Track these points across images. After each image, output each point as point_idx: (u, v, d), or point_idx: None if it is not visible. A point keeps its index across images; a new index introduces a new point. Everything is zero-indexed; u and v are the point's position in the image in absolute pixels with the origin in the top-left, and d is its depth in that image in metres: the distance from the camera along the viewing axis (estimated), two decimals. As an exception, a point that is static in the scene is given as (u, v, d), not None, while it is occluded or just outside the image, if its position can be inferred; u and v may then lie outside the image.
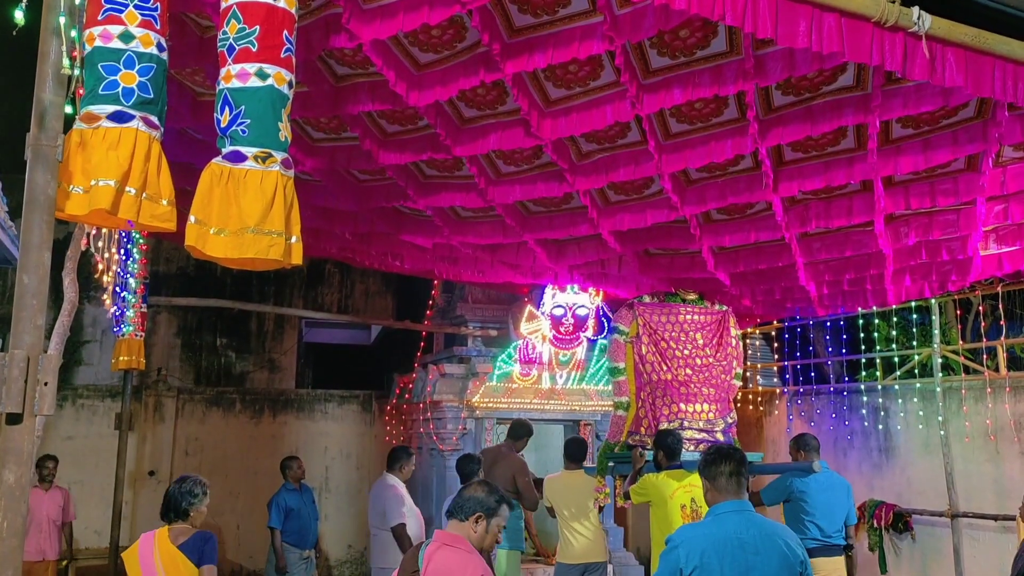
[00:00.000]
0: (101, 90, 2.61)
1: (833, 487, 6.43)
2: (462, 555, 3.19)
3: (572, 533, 6.82)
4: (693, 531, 3.43)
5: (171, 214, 2.67)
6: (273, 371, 13.05)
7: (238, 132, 2.66)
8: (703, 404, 7.31)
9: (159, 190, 2.64)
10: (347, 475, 11.63)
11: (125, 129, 2.60)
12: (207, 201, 2.60)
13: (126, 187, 2.55)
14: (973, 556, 7.43)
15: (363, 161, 5.36)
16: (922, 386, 8.17)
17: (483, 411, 9.26)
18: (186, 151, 5.26)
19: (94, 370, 11.61)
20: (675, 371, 7.40)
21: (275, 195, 2.62)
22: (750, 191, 5.48)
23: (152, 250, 9.37)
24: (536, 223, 6.46)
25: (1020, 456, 7.14)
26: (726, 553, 3.28)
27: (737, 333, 7.91)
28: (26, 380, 2.38)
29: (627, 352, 7.60)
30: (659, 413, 7.26)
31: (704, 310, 7.75)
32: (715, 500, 3.48)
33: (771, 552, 3.31)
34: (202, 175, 2.65)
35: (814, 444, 6.58)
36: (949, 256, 6.31)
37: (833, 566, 6.23)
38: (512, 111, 4.78)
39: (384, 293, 14.06)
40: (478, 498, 3.32)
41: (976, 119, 4.64)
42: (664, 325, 7.57)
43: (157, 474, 10.83)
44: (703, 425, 7.24)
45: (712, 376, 7.48)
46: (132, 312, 7.63)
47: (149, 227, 2.65)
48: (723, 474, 3.45)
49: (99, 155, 2.55)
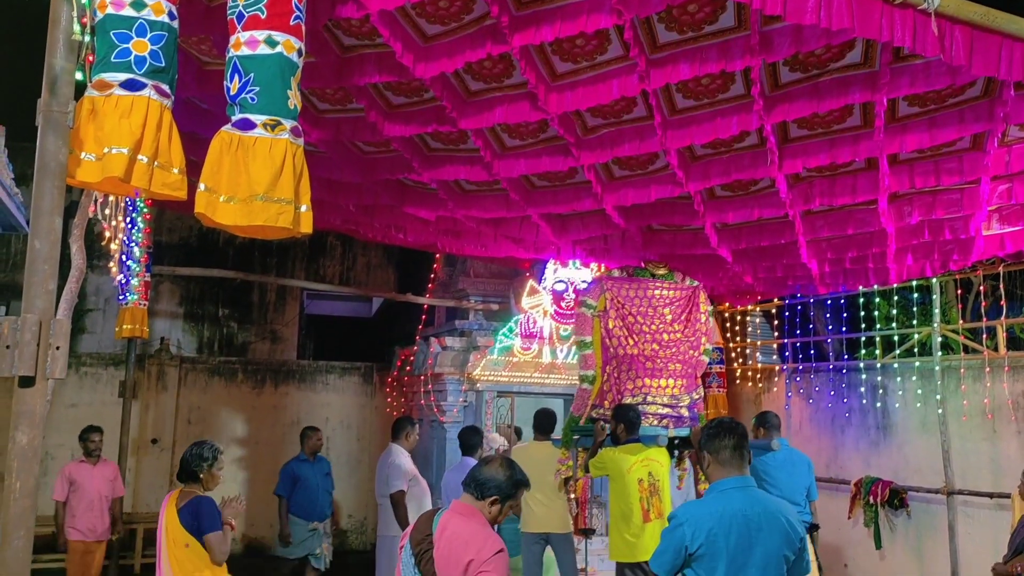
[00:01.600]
0: (113, 58, 2.62)
1: (794, 463, 6.50)
2: (479, 528, 3.17)
3: (534, 502, 6.91)
4: (698, 509, 3.41)
5: (182, 182, 2.69)
6: (275, 342, 13.12)
7: (247, 100, 2.67)
8: (669, 379, 7.36)
9: (170, 158, 2.66)
10: (348, 446, 11.73)
11: (137, 97, 2.61)
12: (216, 169, 2.62)
13: (138, 155, 2.57)
14: (968, 533, 7.51)
15: (368, 133, 5.36)
16: (921, 365, 8.21)
17: (484, 384, 9.32)
18: (191, 120, 5.24)
19: (97, 338, 11.68)
20: (642, 346, 7.42)
21: (284, 163, 2.64)
22: (755, 168, 5.48)
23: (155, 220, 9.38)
24: (540, 197, 6.46)
25: (1017, 435, 7.19)
26: (732, 531, 3.28)
27: (709, 309, 7.94)
28: (38, 344, 2.42)
29: (594, 326, 7.62)
30: (623, 387, 7.30)
31: (674, 285, 7.76)
32: (718, 475, 3.46)
33: (774, 529, 3.33)
34: (212, 143, 2.67)
35: (775, 422, 6.66)
36: (952, 235, 6.33)
37: None
38: (518, 84, 4.78)
39: (386, 266, 14.09)
40: (497, 482, 3.26)
41: (983, 98, 4.63)
42: (632, 300, 7.58)
43: (160, 442, 10.93)
44: (668, 400, 7.29)
45: (680, 352, 7.51)
46: (136, 281, 7.67)
47: (160, 195, 2.67)
48: (727, 448, 3.44)
49: (112, 123, 2.57)
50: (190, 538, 4.60)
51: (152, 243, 8.27)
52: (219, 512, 4.69)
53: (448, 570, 3.04)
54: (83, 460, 7.33)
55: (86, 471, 7.27)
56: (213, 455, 4.81)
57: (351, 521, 11.60)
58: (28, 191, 3.13)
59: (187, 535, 4.59)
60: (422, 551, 3.11)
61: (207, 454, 4.78)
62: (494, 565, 3.01)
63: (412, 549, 3.15)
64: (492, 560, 3.02)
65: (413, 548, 3.15)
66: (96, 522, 7.21)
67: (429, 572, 3.07)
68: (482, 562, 3.00)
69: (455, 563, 3.03)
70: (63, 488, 7.19)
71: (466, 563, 3.01)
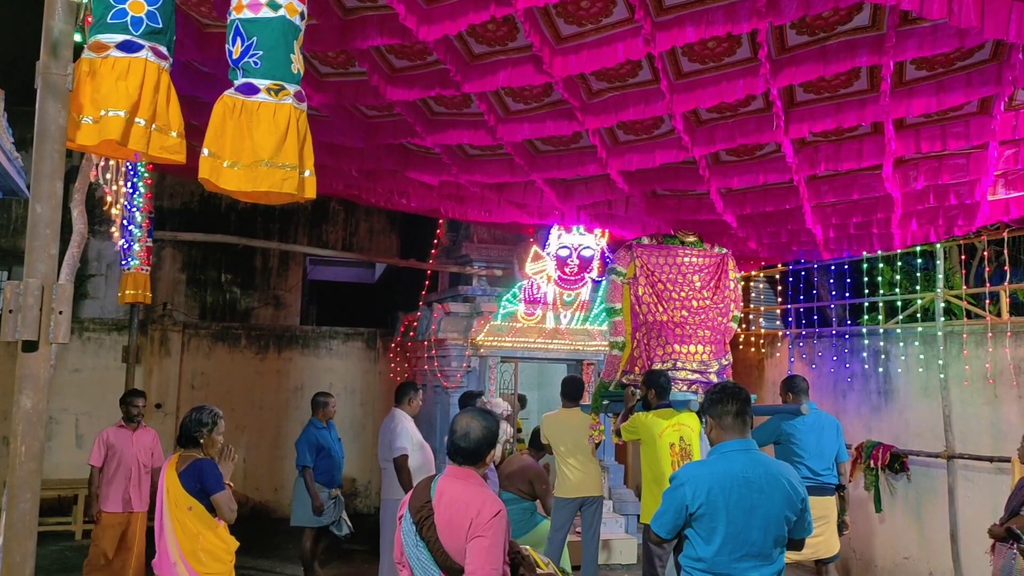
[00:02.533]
0: (110, 19, 2.58)
1: (822, 427, 6.53)
2: (478, 489, 3.18)
3: (568, 468, 6.99)
4: (699, 469, 3.45)
5: (181, 146, 2.66)
6: (278, 307, 13.14)
7: (250, 64, 2.64)
8: (698, 345, 7.37)
9: (168, 122, 2.63)
10: (351, 411, 11.79)
11: (134, 59, 2.57)
12: (220, 134, 2.59)
13: (136, 118, 2.53)
14: (967, 496, 7.56)
15: (371, 97, 5.32)
16: (924, 330, 8.21)
17: (487, 349, 9.35)
18: (191, 84, 5.20)
19: (100, 304, 11.71)
20: (671, 312, 7.44)
21: (288, 128, 2.61)
22: (760, 132, 5.44)
23: (156, 185, 9.34)
24: (544, 162, 6.43)
25: (1018, 400, 7.21)
26: (732, 491, 3.32)
27: (736, 276, 7.93)
28: (41, 308, 2.41)
29: (624, 293, 7.64)
30: (653, 353, 7.33)
31: (703, 252, 7.75)
32: (720, 438, 3.50)
33: (775, 490, 3.37)
34: (215, 107, 2.64)
35: (803, 386, 6.66)
36: (957, 200, 6.30)
37: (825, 504, 6.37)
38: (522, 47, 4.73)
39: (389, 231, 14.07)
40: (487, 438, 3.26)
41: (991, 61, 4.58)
42: (662, 267, 7.58)
43: (164, 407, 10.99)
44: (697, 366, 7.31)
45: (708, 318, 7.52)
46: (139, 246, 7.64)
47: (159, 159, 2.64)
48: (729, 413, 3.47)
49: (108, 85, 2.53)
50: (193, 501, 4.64)
51: (154, 208, 8.23)
52: (220, 473, 4.73)
53: (452, 534, 3.06)
54: (123, 425, 7.00)
55: (125, 437, 6.95)
56: (212, 420, 4.83)
57: (355, 485, 11.70)
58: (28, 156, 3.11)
59: (190, 498, 4.63)
60: (423, 517, 3.12)
61: (206, 419, 4.80)
62: (492, 527, 3.03)
63: (412, 517, 3.16)
64: (490, 523, 3.03)
65: (413, 516, 3.16)
66: (131, 491, 6.88)
67: (432, 538, 3.09)
68: (481, 525, 3.02)
69: (457, 527, 3.05)
70: (100, 453, 6.87)
71: (467, 526, 3.03)
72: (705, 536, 3.36)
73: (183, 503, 4.64)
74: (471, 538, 3.02)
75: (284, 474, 11.36)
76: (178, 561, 4.61)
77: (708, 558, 3.34)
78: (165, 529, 4.66)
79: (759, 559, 3.33)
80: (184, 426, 4.82)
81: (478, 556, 3.00)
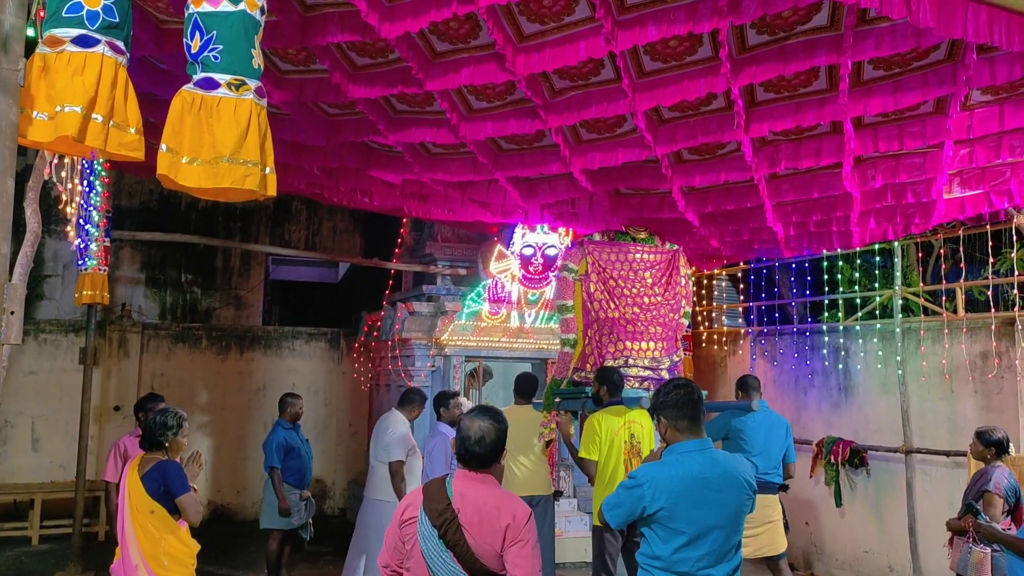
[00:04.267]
0: (64, 12, 2.53)
1: (772, 425, 6.62)
2: (503, 492, 3.20)
3: (517, 466, 6.96)
4: (658, 471, 3.43)
5: (139, 143, 2.62)
6: (239, 308, 12.99)
7: (210, 58, 2.60)
8: (649, 342, 7.41)
9: (126, 118, 2.58)
10: (315, 411, 11.69)
11: (90, 54, 2.53)
12: (178, 129, 2.55)
13: (92, 114, 2.49)
14: (925, 490, 7.70)
15: (332, 94, 5.27)
16: (882, 327, 8.35)
17: (452, 349, 9.32)
18: (149, 81, 5.12)
19: (56, 305, 11.48)
20: (623, 309, 7.47)
21: (250, 124, 2.58)
22: (721, 131, 5.49)
23: (114, 183, 9.18)
24: (508, 161, 6.42)
25: (973, 395, 7.36)
26: (692, 493, 3.33)
27: (688, 272, 7.99)
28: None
29: (576, 290, 7.66)
30: (605, 350, 7.35)
31: (654, 249, 7.80)
32: (676, 439, 3.49)
33: (733, 488, 3.40)
34: (173, 102, 2.60)
35: (755, 384, 6.76)
36: (914, 199, 6.40)
37: (768, 502, 6.47)
38: (485, 45, 4.72)
39: (352, 231, 13.98)
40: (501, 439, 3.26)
41: (946, 62, 4.66)
42: (613, 264, 7.61)
43: (123, 409, 10.81)
44: (648, 363, 7.35)
45: (660, 315, 7.57)
46: (96, 246, 7.50)
47: (117, 156, 2.59)
48: (685, 415, 3.47)
49: (64, 80, 2.49)
50: (155, 504, 4.57)
51: (111, 207, 8.10)
52: (185, 475, 4.67)
53: (483, 536, 3.04)
54: (139, 435, 5.88)
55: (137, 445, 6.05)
56: (178, 423, 4.76)
57: (317, 486, 11.60)
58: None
59: (152, 501, 4.56)
60: (446, 520, 3.06)
61: (171, 422, 4.73)
62: (529, 531, 3.07)
63: (433, 521, 3.08)
64: (527, 527, 3.07)
65: (434, 520, 3.08)
66: None
67: (459, 540, 3.04)
68: (520, 528, 3.05)
69: (491, 529, 3.04)
70: (116, 467, 6.18)
71: (504, 528, 3.04)
72: (664, 536, 3.37)
73: (144, 507, 4.57)
74: (511, 543, 3.04)
75: (247, 476, 11.24)
76: (139, 565, 4.54)
77: (666, 556, 3.35)
78: (127, 533, 4.59)
79: (718, 557, 3.36)
80: (148, 429, 4.74)
81: (524, 561, 3.03)
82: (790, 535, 7.12)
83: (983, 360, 7.31)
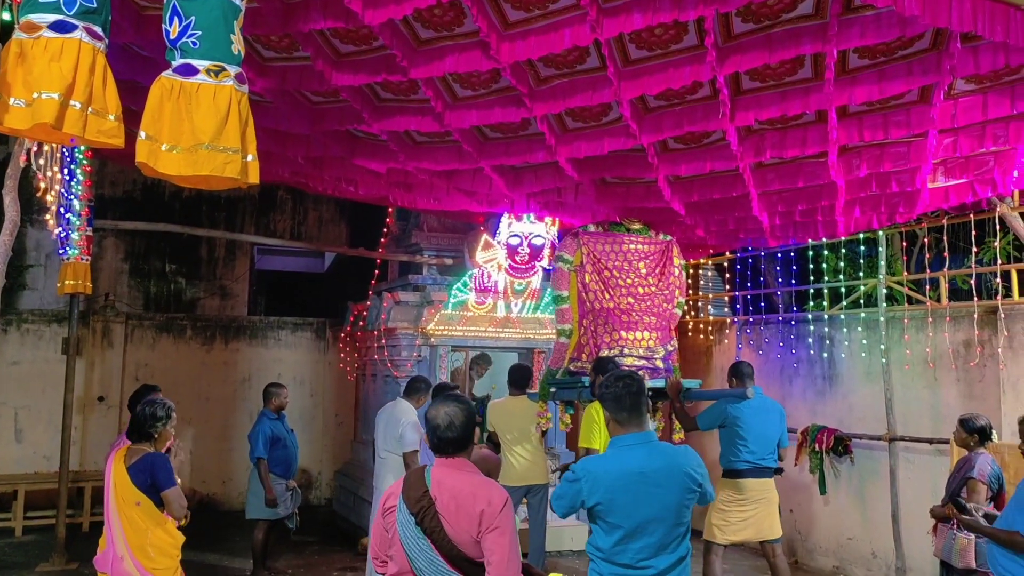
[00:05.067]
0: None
1: (767, 411, 6.66)
2: (480, 479, 3.18)
3: (514, 456, 7.00)
4: (595, 465, 3.44)
5: (118, 130, 2.59)
6: (224, 298, 12.92)
7: (188, 44, 2.57)
8: (644, 332, 7.43)
9: (105, 104, 2.55)
10: (301, 402, 11.67)
11: (68, 40, 2.49)
12: (157, 116, 2.52)
13: (71, 100, 2.46)
14: (908, 478, 7.76)
15: (316, 82, 5.23)
16: (866, 316, 8.38)
17: (438, 339, 9.31)
18: (129, 67, 5.07)
19: (39, 295, 11.39)
20: (617, 300, 7.49)
21: (229, 110, 2.55)
22: (707, 120, 5.48)
23: (96, 172, 9.11)
24: (493, 149, 6.40)
25: (956, 383, 7.41)
26: (627, 488, 3.33)
27: (681, 263, 8.01)
28: (-29, 298, 2.33)
29: (571, 281, 7.67)
30: (600, 340, 7.37)
31: (648, 240, 7.81)
32: (617, 432, 3.49)
33: (672, 482, 3.39)
34: (151, 89, 2.56)
35: (748, 371, 6.79)
36: (898, 188, 6.43)
37: (764, 487, 6.51)
38: (470, 33, 4.68)
39: (338, 220, 13.92)
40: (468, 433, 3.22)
41: (931, 51, 4.67)
42: (608, 254, 7.62)
43: (107, 399, 10.76)
44: (643, 352, 7.37)
45: (654, 305, 7.58)
46: (77, 235, 7.43)
47: (96, 143, 2.56)
48: (624, 407, 3.46)
49: (41, 67, 2.45)
50: (142, 496, 4.55)
51: (94, 196, 8.03)
52: (172, 468, 4.65)
53: (460, 523, 3.03)
54: None
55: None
56: (167, 413, 4.75)
57: (304, 477, 11.58)
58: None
59: (138, 493, 4.54)
60: (423, 508, 3.07)
61: (161, 413, 4.71)
62: (505, 518, 3.05)
63: (410, 509, 3.09)
64: (503, 513, 3.05)
65: (411, 508, 3.09)
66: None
67: (435, 528, 3.04)
68: (496, 514, 3.03)
69: (467, 515, 3.03)
70: None
71: (479, 513, 3.02)
72: (604, 529, 3.39)
73: (131, 498, 4.55)
74: (487, 530, 3.02)
75: (232, 466, 11.22)
76: (125, 556, 4.53)
77: (606, 549, 3.38)
78: (112, 524, 4.57)
79: (658, 549, 3.37)
80: (138, 420, 4.70)
81: (500, 548, 3.01)
82: (775, 522, 7.16)
83: (966, 348, 7.35)
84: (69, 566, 7.92)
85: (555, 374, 7.54)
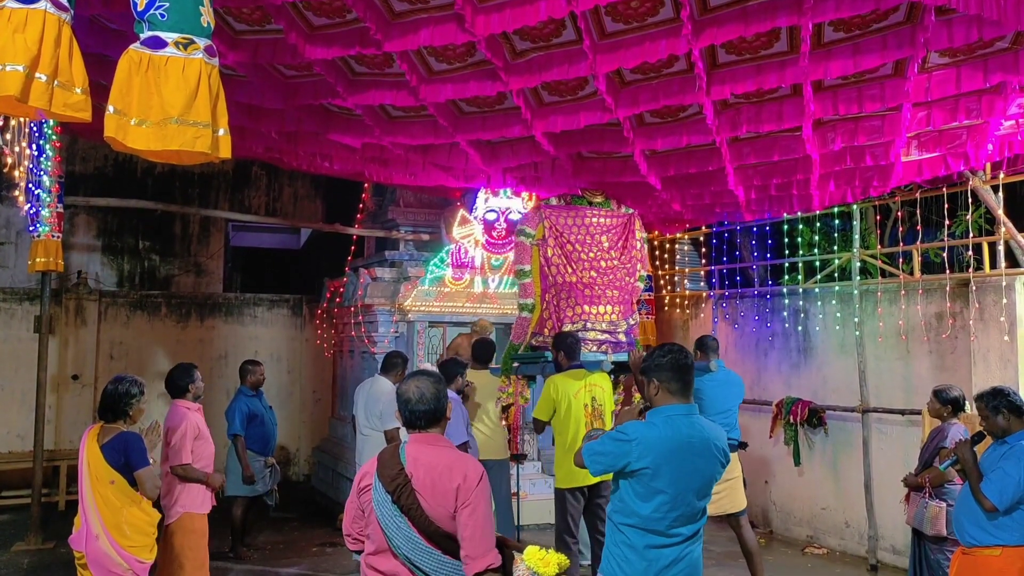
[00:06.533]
0: (4, -33, 2.43)
1: (729, 384, 6.73)
2: (455, 453, 3.17)
3: (474, 431, 7.00)
4: (648, 431, 3.44)
5: (86, 103, 2.54)
6: (199, 275, 12.81)
7: (156, 16, 2.52)
8: (607, 306, 7.46)
9: (72, 77, 2.50)
10: (278, 378, 11.63)
11: (32, 10, 2.43)
12: (126, 90, 2.47)
13: (36, 73, 2.40)
14: (880, 448, 7.87)
15: (288, 55, 5.15)
16: (840, 289, 8.46)
17: (415, 315, 9.30)
18: (98, 40, 4.96)
19: (10, 273, 11.24)
20: (580, 273, 7.50)
21: (199, 84, 2.50)
22: (683, 94, 5.47)
23: (67, 148, 8.96)
24: (469, 124, 6.35)
25: (928, 355, 7.51)
26: (676, 456, 3.36)
27: (643, 236, 8.04)
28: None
29: (533, 255, 7.66)
30: (563, 315, 7.39)
31: (610, 213, 7.82)
32: (665, 401, 3.50)
33: (710, 456, 3.46)
34: (120, 62, 2.51)
35: (714, 345, 6.89)
36: (872, 162, 6.46)
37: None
38: (444, 5, 4.63)
39: (313, 196, 13.81)
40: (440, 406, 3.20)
41: (905, 24, 4.67)
42: (570, 228, 7.62)
43: (81, 378, 10.66)
44: (606, 326, 7.40)
45: (616, 279, 7.60)
46: (48, 212, 7.33)
47: (62, 116, 2.51)
48: (678, 379, 3.49)
49: (4, 38, 2.39)
50: (115, 474, 4.53)
51: (64, 172, 7.91)
52: (145, 447, 4.62)
53: (436, 498, 3.02)
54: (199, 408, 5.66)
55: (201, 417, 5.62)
56: (140, 390, 4.73)
57: (281, 453, 11.58)
58: (-81, 114, 2.93)
59: (112, 471, 4.52)
60: (399, 486, 3.05)
61: (134, 391, 4.69)
62: (480, 493, 3.04)
63: (386, 487, 3.07)
64: (478, 488, 3.04)
65: (387, 486, 3.07)
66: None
67: (412, 505, 3.03)
68: (471, 489, 3.02)
69: (442, 491, 3.02)
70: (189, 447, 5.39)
71: (454, 488, 3.01)
72: (643, 495, 3.38)
73: (104, 477, 4.53)
74: (461, 506, 3.01)
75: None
76: (101, 534, 4.51)
77: (644, 515, 3.38)
78: (87, 502, 4.54)
79: (688, 519, 3.42)
80: (111, 398, 4.65)
81: (474, 523, 3.01)
82: (749, 493, 7.25)
83: (938, 321, 7.45)
84: (45, 545, 7.88)
85: (517, 349, 7.55)
